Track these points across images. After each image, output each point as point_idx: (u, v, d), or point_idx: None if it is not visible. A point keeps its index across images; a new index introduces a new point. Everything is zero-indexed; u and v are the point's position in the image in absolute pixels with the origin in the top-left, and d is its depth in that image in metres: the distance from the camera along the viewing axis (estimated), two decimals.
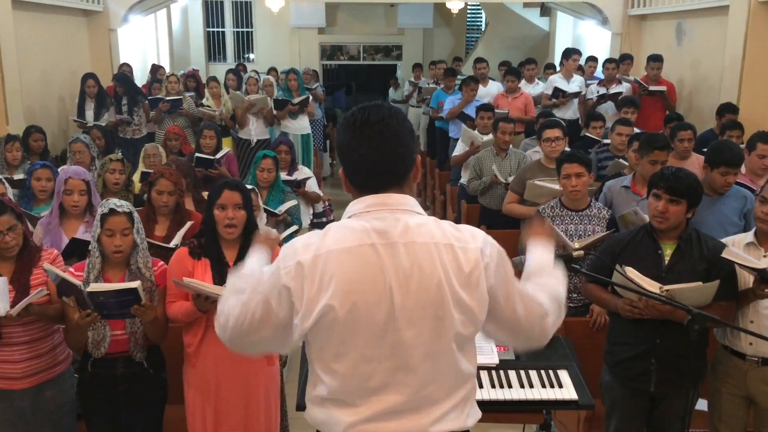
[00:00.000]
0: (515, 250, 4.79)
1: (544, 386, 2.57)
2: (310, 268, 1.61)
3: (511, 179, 5.15)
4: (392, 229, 1.62)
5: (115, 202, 2.89)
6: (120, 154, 4.91)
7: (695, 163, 4.79)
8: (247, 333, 1.72)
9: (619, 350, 3.07)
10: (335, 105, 16.63)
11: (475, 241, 1.67)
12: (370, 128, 1.63)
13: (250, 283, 1.76)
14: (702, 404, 3.25)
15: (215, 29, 15.88)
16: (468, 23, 16.86)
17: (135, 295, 2.67)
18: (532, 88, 8.41)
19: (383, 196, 1.66)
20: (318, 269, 1.61)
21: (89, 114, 7.50)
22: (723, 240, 3.04)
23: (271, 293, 1.66)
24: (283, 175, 5.21)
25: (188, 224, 3.69)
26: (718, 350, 3.12)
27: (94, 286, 2.67)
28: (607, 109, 7.51)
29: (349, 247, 1.61)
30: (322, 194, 5.90)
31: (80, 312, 2.71)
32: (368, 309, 1.60)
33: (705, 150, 4.14)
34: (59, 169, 4.35)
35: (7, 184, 3.81)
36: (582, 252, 2.31)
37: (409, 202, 1.69)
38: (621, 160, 5.15)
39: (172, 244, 3.58)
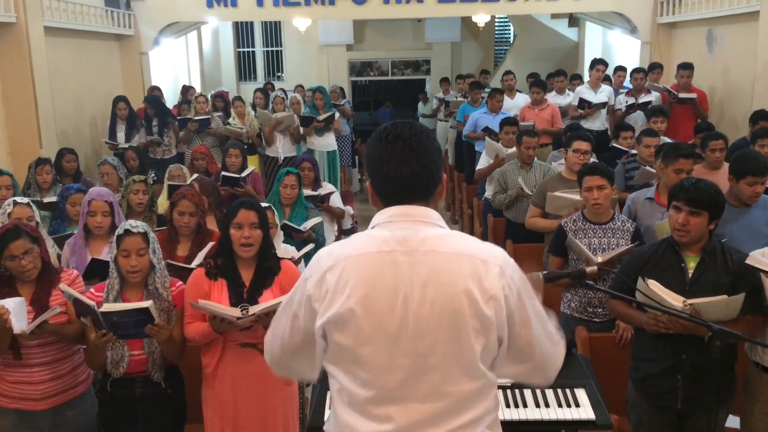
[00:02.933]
0: (540, 264, 4.74)
1: (560, 406, 2.51)
2: (330, 274, 1.65)
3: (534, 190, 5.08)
4: (412, 238, 1.65)
5: (130, 223, 2.93)
6: (152, 175, 4.98)
7: (727, 174, 4.66)
8: (281, 353, 1.79)
9: (644, 366, 2.99)
10: (380, 121, 16.86)
11: (495, 258, 1.67)
12: (402, 142, 1.66)
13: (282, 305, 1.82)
14: (734, 421, 3.14)
15: (245, 49, 16.13)
16: (496, 36, 16.83)
17: (148, 315, 2.70)
18: (562, 99, 8.33)
19: (408, 207, 1.69)
20: (336, 274, 1.65)
21: (120, 136, 7.66)
22: (753, 252, 2.94)
23: (299, 306, 1.71)
24: (307, 191, 5.23)
25: (209, 245, 3.71)
26: (749, 367, 3.02)
27: (107, 306, 2.70)
28: (637, 119, 7.39)
29: (367, 253, 1.66)
30: (350, 210, 5.90)
31: (96, 332, 2.74)
32: (381, 315, 1.62)
33: None
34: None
35: (35, 207, 3.88)
36: (596, 268, 2.25)
37: (432, 215, 1.72)
38: (648, 168, 5.04)
39: (193, 265, 3.60)
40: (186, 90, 9.94)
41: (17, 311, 2.72)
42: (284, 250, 4.11)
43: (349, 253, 1.67)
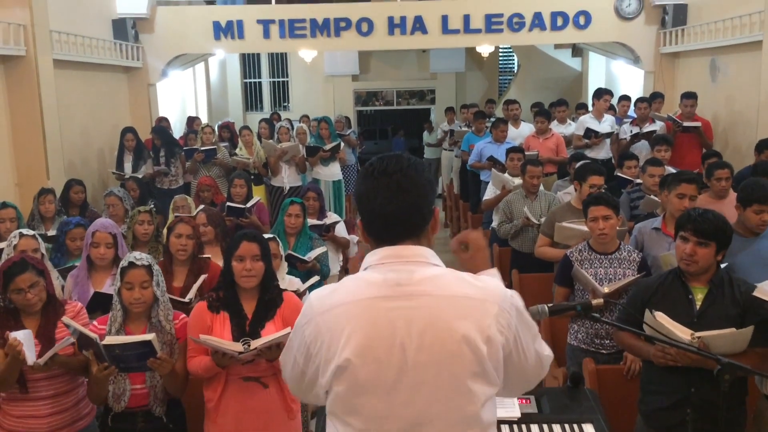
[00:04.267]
0: (549, 295, 4.70)
1: None
2: (325, 323, 1.61)
3: (542, 221, 5.07)
4: (406, 282, 1.59)
5: (135, 255, 2.94)
6: (152, 205, 5.00)
7: (733, 203, 4.63)
8: (291, 383, 1.77)
9: (652, 399, 2.94)
10: (394, 150, 16.95)
11: (494, 295, 1.62)
12: (388, 178, 1.60)
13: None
14: None
15: (252, 80, 16.29)
16: (500, 66, 16.96)
17: (150, 348, 2.69)
18: (564, 129, 8.36)
19: (399, 248, 1.63)
20: (331, 323, 1.60)
21: (128, 166, 7.73)
22: (761, 284, 2.91)
23: (298, 351, 1.68)
24: (312, 221, 5.22)
25: (202, 278, 3.70)
26: (760, 400, 2.97)
27: (110, 339, 2.70)
28: (641, 148, 7.39)
29: (361, 300, 1.60)
30: (354, 238, 5.89)
31: (98, 365, 2.73)
32: (379, 363, 1.57)
33: None
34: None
35: (40, 240, 3.90)
36: (602, 300, 2.22)
37: (426, 253, 1.65)
38: (653, 197, 5.03)
39: (186, 299, 3.59)
40: (192, 121, 10.03)
41: (26, 344, 2.72)
42: (289, 281, 4.09)
43: (342, 300, 1.61)
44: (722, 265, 3.02)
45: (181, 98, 11.91)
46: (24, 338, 2.74)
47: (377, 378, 1.57)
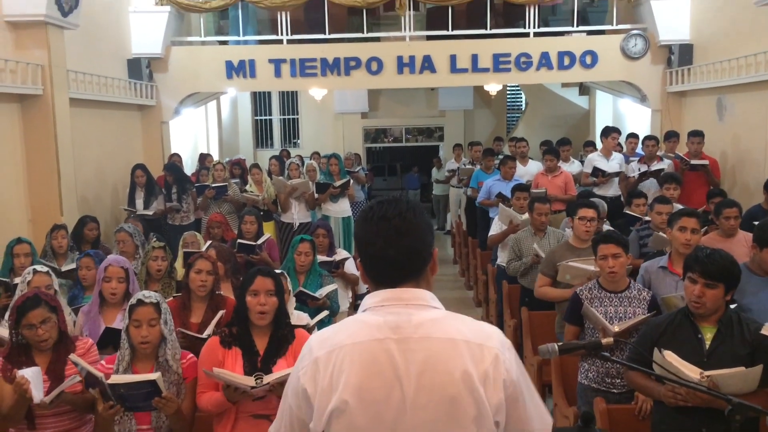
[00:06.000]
0: (554, 333, 4.69)
1: None
2: (323, 365, 1.62)
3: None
4: (406, 324, 1.61)
5: (143, 293, 2.97)
6: (161, 241, 5.04)
7: (742, 241, 4.64)
8: None
9: None
10: (408, 186, 17.23)
11: (491, 342, 1.63)
12: (387, 223, 1.63)
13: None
14: None
15: (263, 117, 16.51)
16: (508, 103, 17.13)
17: (156, 387, 2.70)
18: (568, 167, 8.40)
19: (399, 290, 1.65)
20: (330, 365, 1.61)
21: (139, 203, 7.82)
22: None
23: (294, 398, 1.67)
24: (322, 258, 5.25)
25: (220, 314, 3.72)
26: None
27: (115, 378, 2.72)
28: (650, 186, 7.42)
29: (360, 342, 1.61)
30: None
31: (104, 403, 2.74)
32: (377, 406, 1.57)
33: (754, 224, 4.01)
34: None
35: (53, 276, 3.95)
36: (611, 339, 2.23)
37: (425, 296, 1.67)
38: (661, 234, 5.03)
39: (204, 335, 3.61)
40: (204, 158, 10.16)
41: (34, 381, 2.74)
42: (297, 317, 4.10)
43: (341, 343, 1.62)
44: (732, 306, 3.02)
45: (193, 135, 12.08)
46: (32, 376, 2.77)
47: (375, 420, 1.58)
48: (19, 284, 3.90)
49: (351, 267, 5.66)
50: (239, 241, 5.76)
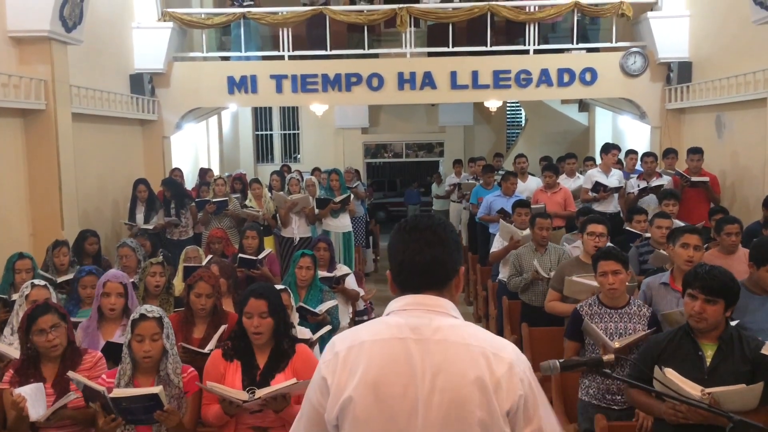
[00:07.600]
0: (559, 348, 4.68)
1: None
2: (344, 358, 1.70)
3: (552, 274, 5.08)
4: (425, 327, 1.69)
5: (146, 308, 2.99)
6: (161, 257, 5.05)
7: (742, 258, 4.63)
8: None
9: None
10: (409, 201, 17.35)
11: (506, 352, 1.69)
12: (418, 233, 1.75)
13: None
14: None
15: (264, 132, 16.58)
16: (508, 119, 17.21)
17: (157, 401, 2.72)
18: (572, 182, 8.43)
19: (422, 296, 1.74)
20: (350, 359, 1.69)
21: (140, 217, 7.82)
22: None
23: (314, 390, 1.74)
24: (322, 273, 5.26)
25: (222, 328, 3.73)
26: None
27: (117, 392, 2.74)
28: (649, 202, 7.44)
29: (381, 339, 1.70)
30: (362, 291, 5.91)
31: (105, 417, 2.75)
32: (392, 401, 1.64)
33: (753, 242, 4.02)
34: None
35: (51, 289, 3.95)
36: (612, 356, 2.23)
37: (447, 305, 1.75)
38: (661, 251, 5.04)
39: (206, 350, 3.61)
40: (204, 172, 10.19)
41: (35, 397, 2.76)
42: (299, 331, 4.10)
43: (363, 339, 1.71)
44: (732, 323, 3.03)
45: (194, 150, 12.12)
46: (32, 393, 2.80)
47: (387, 414, 1.63)
48: (17, 299, 3.91)
49: (352, 283, 5.67)
50: (240, 255, 5.76)
